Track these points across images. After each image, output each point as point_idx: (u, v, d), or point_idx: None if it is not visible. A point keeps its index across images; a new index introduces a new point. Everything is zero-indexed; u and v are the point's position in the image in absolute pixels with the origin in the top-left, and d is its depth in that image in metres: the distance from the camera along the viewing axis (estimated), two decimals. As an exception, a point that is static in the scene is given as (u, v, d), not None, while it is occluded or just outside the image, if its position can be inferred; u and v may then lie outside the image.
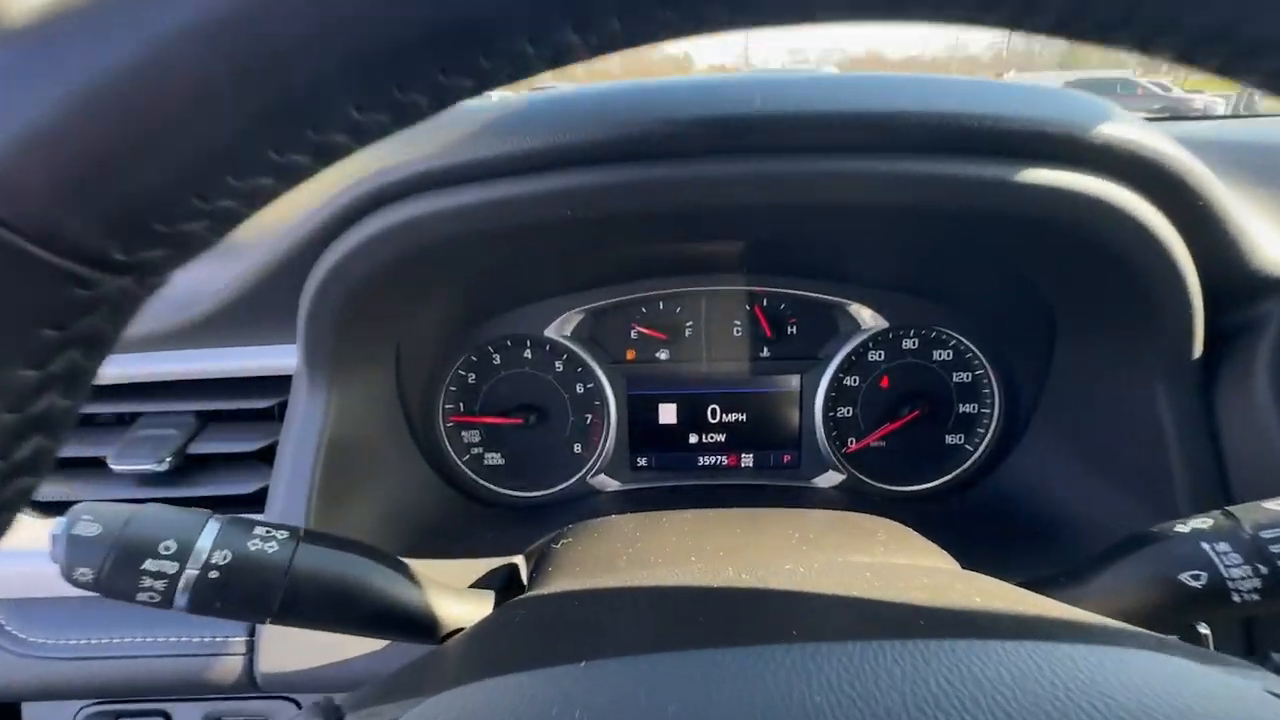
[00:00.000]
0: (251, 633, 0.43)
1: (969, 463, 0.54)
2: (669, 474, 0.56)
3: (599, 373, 0.54)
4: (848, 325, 0.54)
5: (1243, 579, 0.27)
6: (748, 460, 0.56)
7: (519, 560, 0.45)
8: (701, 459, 0.56)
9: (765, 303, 0.54)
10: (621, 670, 0.19)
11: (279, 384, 0.47)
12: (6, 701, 0.48)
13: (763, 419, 0.55)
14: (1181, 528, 0.29)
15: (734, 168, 0.35)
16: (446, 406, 0.56)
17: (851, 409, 0.55)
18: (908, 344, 0.54)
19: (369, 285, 0.38)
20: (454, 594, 0.35)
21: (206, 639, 0.43)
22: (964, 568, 0.34)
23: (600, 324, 0.55)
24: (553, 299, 0.54)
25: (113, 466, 0.45)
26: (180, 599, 0.28)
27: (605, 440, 0.55)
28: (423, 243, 0.37)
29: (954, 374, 0.54)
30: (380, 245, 0.37)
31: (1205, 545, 0.28)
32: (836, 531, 0.37)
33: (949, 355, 0.54)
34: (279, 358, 0.46)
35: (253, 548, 0.29)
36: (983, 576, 0.29)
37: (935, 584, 0.27)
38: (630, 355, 0.55)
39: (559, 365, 0.55)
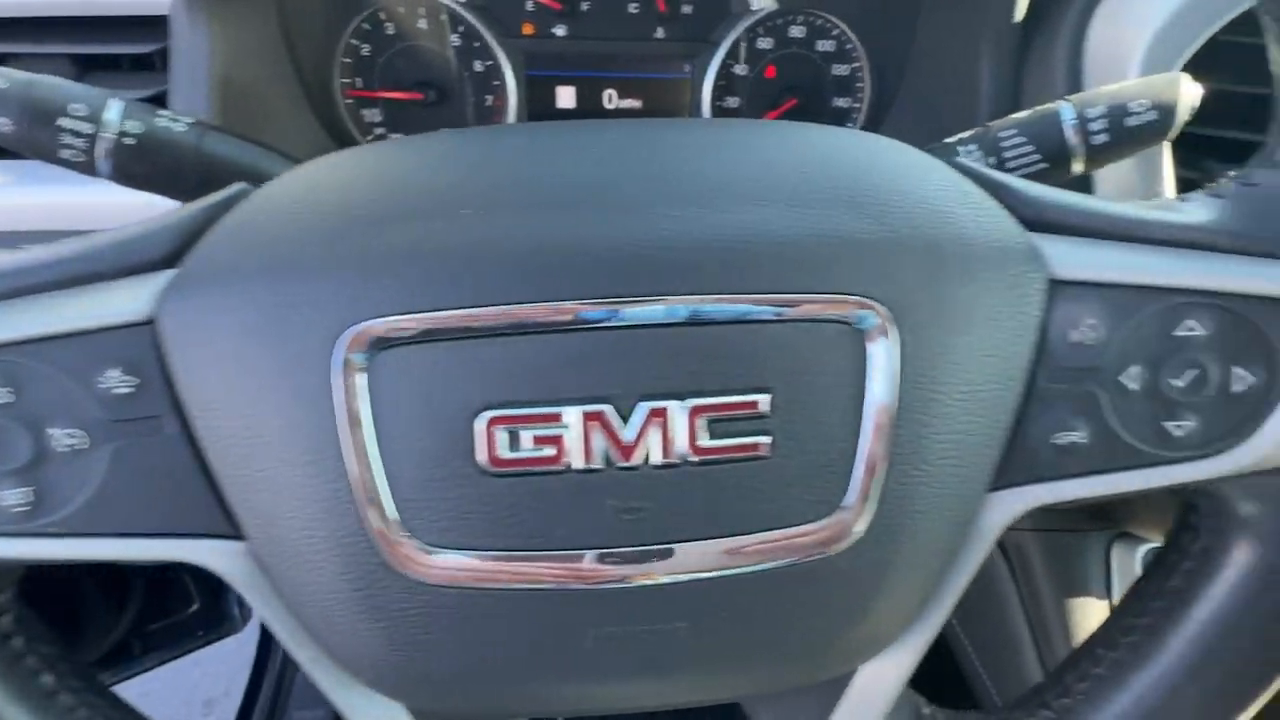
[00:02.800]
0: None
1: (834, 153, 0.61)
2: (567, 157, 0.60)
3: (495, 47, 0.55)
4: (739, 6, 0.55)
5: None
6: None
7: None
8: (597, 144, 0.60)
9: (663, -25, 0.54)
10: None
11: (159, 26, 0.46)
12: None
13: (656, 105, 0.59)
14: (949, 140, 0.37)
15: None
16: (343, 80, 0.56)
17: (738, 98, 0.59)
18: (795, 32, 0.57)
19: None
20: None
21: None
22: None
23: (496, -9, 0.54)
24: None
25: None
26: (103, 164, 0.32)
27: (504, 122, 0.58)
28: None
29: (833, 66, 0.58)
30: None
31: (960, 147, 0.36)
32: None
33: (832, 46, 0.57)
34: (151, -9, 0.44)
35: (160, 124, 0.33)
36: None
37: None
38: (527, 29, 0.55)
39: (455, 39, 0.55)
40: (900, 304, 0.21)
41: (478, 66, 0.56)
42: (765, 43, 0.57)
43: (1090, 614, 0.63)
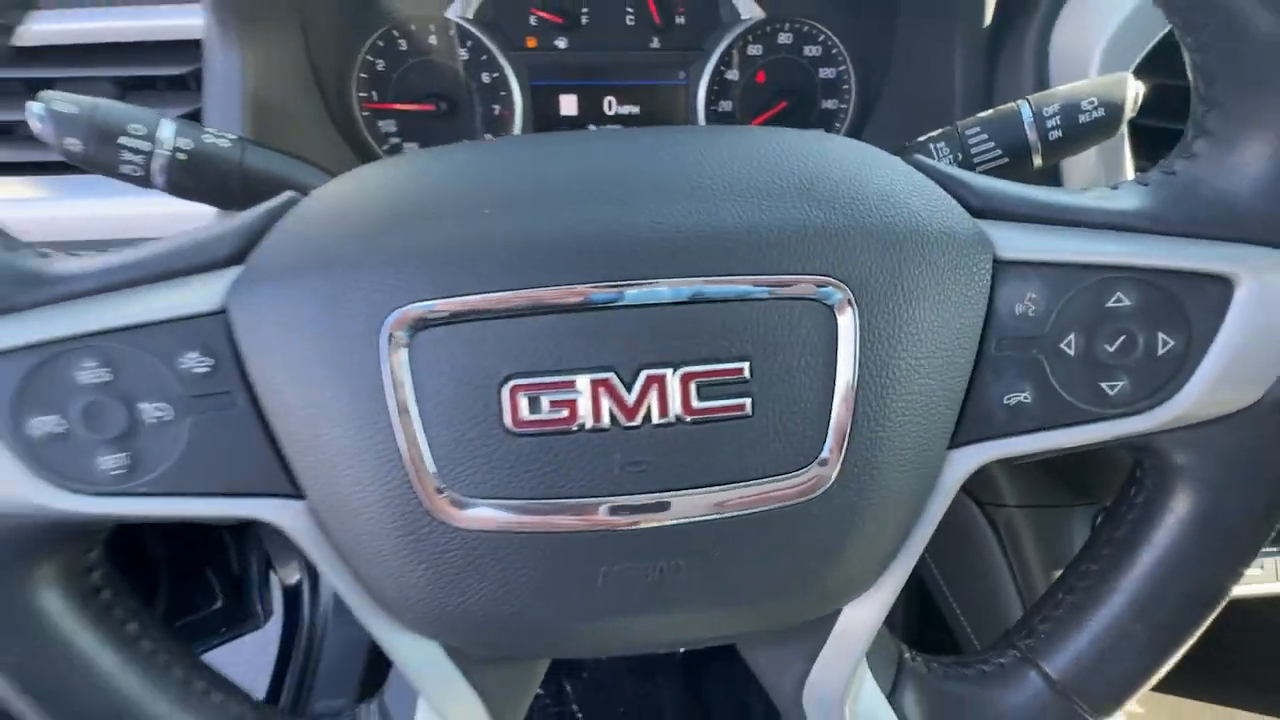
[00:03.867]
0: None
1: (823, 152, 0.64)
2: (571, 162, 0.64)
3: (502, 60, 0.59)
4: (729, 16, 0.59)
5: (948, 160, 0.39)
6: (642, 152, 0.64)
7: None
8: (599, 148, 0.63)
9: (656, -11, 0.58)
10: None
11: (192, 49, 0.50)
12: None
13: (654, 111, 0.62)
14: (922, 138, 0.40)
15: None
16: (360, 94, 0.59)
17: (731, 103, 0.62)
18: (783, 39, 0.60)
19: None
20: None
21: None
22: None
23: (500, 7, 0.57)
24: None
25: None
26: (158, 178, 0.36)
27: (512, 130, 0.62)
28: None
29: (820, 70, 0.61)
30: None
31: (932, 145, 0.39)
32: None
33: (818, 51, 0.61)
34: (187, 18, 0.48)
35: (207, 141, 0.36)
36: None
37: None
38: (531, 43, 0.59)
39: (464, 53, 0.59)
40: (860, 283, 0.24)
41: (485, 78, 0.60)
42: (755, 49, 0.60)
43: (1076, 584, 0.66)
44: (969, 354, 0.26)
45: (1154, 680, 0.32)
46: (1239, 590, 0.66)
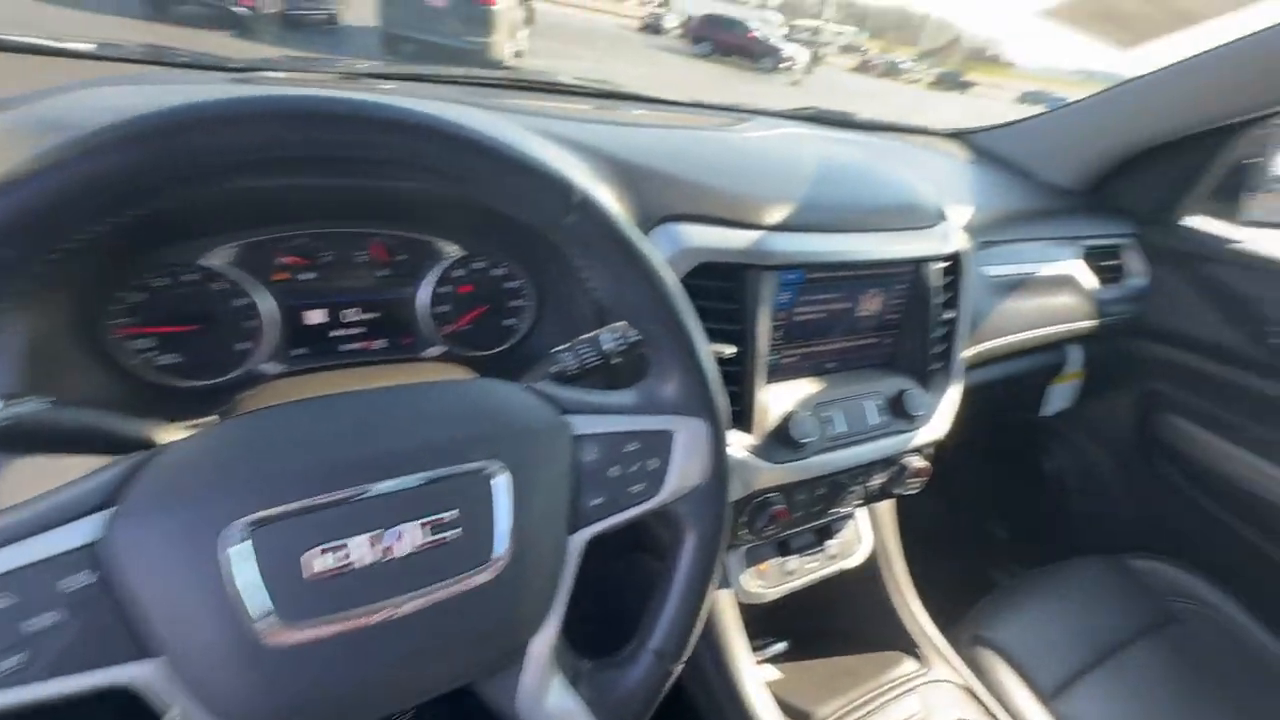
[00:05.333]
0: None
1: (515, 338, 0.93)
2: (320, 358, 0.81)
3: (251, 292, 0.75)
4: (437, 254, 0.85)
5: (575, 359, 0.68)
6: (381, 344, 0.84)
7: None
8: (344, 346, 0.82)
9: (380, 239, 0.81)
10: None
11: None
12: None
13: (389, 317, 0.84)
14: (554, 350, 0.69)
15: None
16: (113, 322, 0.69)
17: (447, 307, 0.87)
18: (478, 265, 0.88)
19: None
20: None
21: None
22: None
23: (251, 254, 0.74)
24: (205, 238, 0.71)
25: None
26: None
27: (265, 340, 0.77)
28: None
29: (506, 284, 0.91)
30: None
31: (559, 354, 0.68)
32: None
33: (504, 272, 0.90)
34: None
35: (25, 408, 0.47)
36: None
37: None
38: (281, 276, 0.77)
39: (216, 286, 0.74)
40: (508, 458, 0.49)
41: (239, 303, 0.75)
42: (459, 272, 0.87)
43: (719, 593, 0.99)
44: (569, 482, 0.53)
45: (699, 628, 0.60)
46: (825, 569, 1.07)
